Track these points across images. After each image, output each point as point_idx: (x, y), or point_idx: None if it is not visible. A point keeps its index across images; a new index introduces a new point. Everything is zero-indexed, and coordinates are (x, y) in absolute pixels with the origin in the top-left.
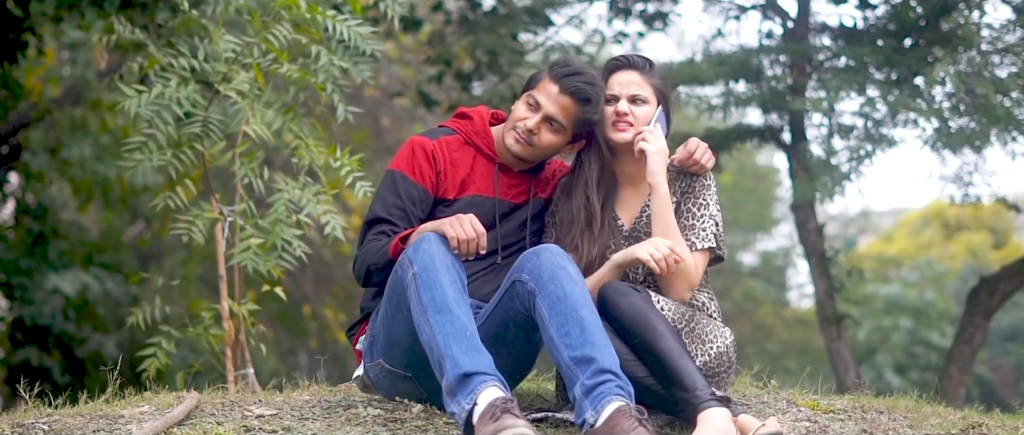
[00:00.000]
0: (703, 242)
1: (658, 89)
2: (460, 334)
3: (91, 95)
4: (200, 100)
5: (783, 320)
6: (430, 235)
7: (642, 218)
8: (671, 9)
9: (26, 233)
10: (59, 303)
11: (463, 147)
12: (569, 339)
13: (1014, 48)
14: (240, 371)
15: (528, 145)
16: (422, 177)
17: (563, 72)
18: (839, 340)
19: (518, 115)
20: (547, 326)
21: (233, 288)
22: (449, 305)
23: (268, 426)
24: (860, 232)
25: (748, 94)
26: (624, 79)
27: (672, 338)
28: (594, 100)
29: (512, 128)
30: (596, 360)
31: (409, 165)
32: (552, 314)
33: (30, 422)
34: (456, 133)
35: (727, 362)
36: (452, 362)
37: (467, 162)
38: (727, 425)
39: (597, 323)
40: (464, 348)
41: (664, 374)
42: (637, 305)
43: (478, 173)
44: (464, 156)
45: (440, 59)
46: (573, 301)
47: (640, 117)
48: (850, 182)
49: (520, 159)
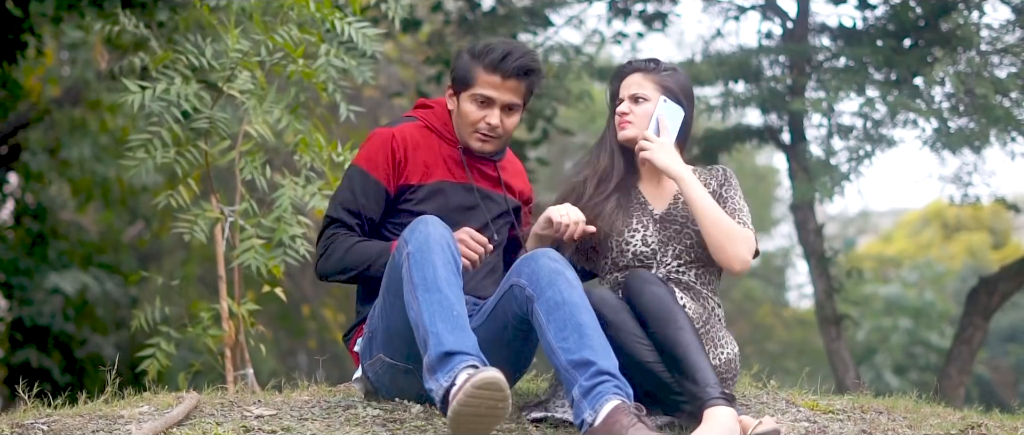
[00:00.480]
0: (748, 227)
1: (663, 86)
2: (447, 313)
3: (91, 95)
4: (205, 97)
5: (782, 320)
6: (429, 217)
7: (677, 204)
8: (670, 9)
9: (25, 233)
10: (58, 303)
11: (426, 133)
12: (567, 344)
13: (1013, 48)
14: (239, 371)
15: (496, 138)
16: (377, 169)
17: (496, 60)
18: (838, 340)
19: (472, 117)
20: (545, 331)
21: (233, 288)
22: (439, 284)
23: (267, 426)
24: (859, 232)
25: (747, 94)
26: (627, 82)
27: (692, 333)
28: (537, 67)
29: (473, 131)
30: (595, 363)
31: (368, 159)
32: (550, 319)
33: (30, 422)
34: (417, 120)
35: (734, 370)
36: (435, 339)
37: (431, 147)
38: (733, 424)
39: (595, 327)
40: (449, 327)
41: (679, 367)
42: (661, 295)
43: (443, 158)
44: (428, 141)
45: (439, 59)
46: (571, 306)
47: (640, 114)
48: (849, 182)
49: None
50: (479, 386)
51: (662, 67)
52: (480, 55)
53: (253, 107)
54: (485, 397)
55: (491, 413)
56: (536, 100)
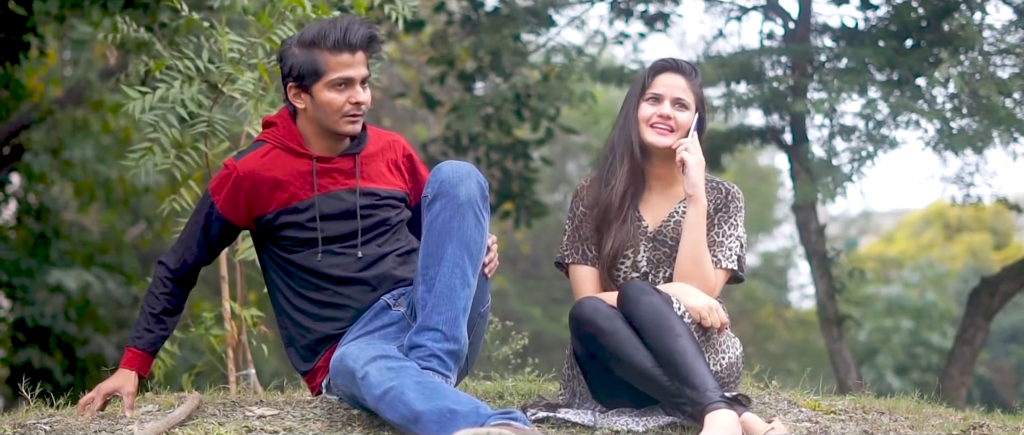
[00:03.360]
0: (727, 262)
1: (700, 97)
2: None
3: (93, 96)
4: (204, 100)
5: (784, 321)
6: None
7: (669, 223)
8: (672, 10)
9: (28, 234)
10: (60, 304)
11: (277, 155)
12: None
13: (1015, 49)
14: (242, 372)
15: (362, 115)
16: (223, 206)
17: (341, 38)
18: (840, 341)
19: (337, 103)
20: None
21: (235, 289)
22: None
23: (269, 426)
24: (861, 233)
25: (749, 95)
26: (671, 82)
27: (688, 339)
28: (377, 35)
29: (341, 116)
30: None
31: (217, 193)
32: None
33: (32, 422)
34: (265, 143)
35: (736, 372)
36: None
37: (284, 167)
38: (734, 428)
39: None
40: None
41: (677, 373)
42: (656, 304)
43: (296, 175)
44: (280, 163)
45: (442, 60)
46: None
47: (681, 123)
48: (852, 183)
49: (356, 132)
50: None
51: (698, 75)
52: (318, 41)
53: (252, 107)
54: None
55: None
56: (539, 101)
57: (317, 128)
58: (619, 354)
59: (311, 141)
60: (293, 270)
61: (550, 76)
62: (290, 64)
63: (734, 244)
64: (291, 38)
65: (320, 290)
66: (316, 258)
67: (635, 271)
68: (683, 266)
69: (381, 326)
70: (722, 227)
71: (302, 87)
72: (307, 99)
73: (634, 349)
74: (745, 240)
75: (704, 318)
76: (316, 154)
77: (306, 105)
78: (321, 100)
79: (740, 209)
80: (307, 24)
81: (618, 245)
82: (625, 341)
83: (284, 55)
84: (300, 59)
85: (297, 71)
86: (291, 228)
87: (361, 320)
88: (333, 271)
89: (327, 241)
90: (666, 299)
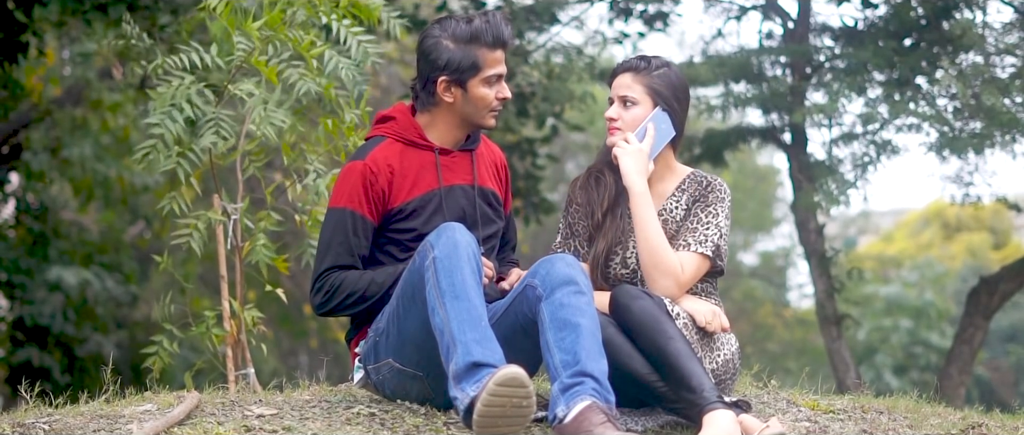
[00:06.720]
0: (700, 246)
1: (654, 89)
2: (476, 323)
3: (92, 95)
4: (210, 97)
5: (783, 320)
6: (454, 224)
7: (660, 217)
8: (671, 10)
9: (27, 233)
10: (59, 303)
11: (399, 148)
12: (563, 343)
13: (1015, 49)
14: (241, 371)
15: (501, 110)
16: (361, 205)
17: (498, 35)
18: (839, 340)
19: (488, 99)
20: (545, 330)
21: (235, 288)
22: (467, 292)
23: (269, 426)
24: (860, 232)
25: (748, 94)
26: (618, 83)
27: (681, 342)
28: (513, 32)
29: (488, 111)
30: (580, 363)
31: (349, 198)
32: (552, 319)
33: (31, 422)
34: (386, 138)
35: (733, 369)
36: (464, 348)
37: (409, 161)
38: (732, 428)
39: (593, 332)
40: (478, 337)
41: (673, 376)
42: (648, 308)
43: (420, 168)
44: (404, 156)
45: None
46: (573, 309)
47: (628, 120)
48: (856, 189)
49: (494, 128)
50: (501, 383)
51: (653, 66)
52: (476, 37)
53: (257, 106)
54: (508, 394)
55: (516, 413)
56: (543, 101)
57: (455, 121)
58: (614, 362)
59: (433, 135)
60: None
61: (551, 75)
62: (446, 59)
63: (711, 232)
64: (434, 32)
65: None
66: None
67: (624, 268)
68: (641, 257)
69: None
70: (699, 215)
71: (458, 82)
72: (458, 93)
73: (628, 356)
74: (726, 230)
75: (707, 323)
76: (438, 147)
77: (456, 99)
78: (475, 95)
79: (722, 200)
80: (442, 19)
81: (608, 243)
82: (618, 349)
83: (433, 49)
84: (457, 54)
85: (455, 66)
86: (413, 217)
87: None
88: None
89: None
90: (658, 302)
